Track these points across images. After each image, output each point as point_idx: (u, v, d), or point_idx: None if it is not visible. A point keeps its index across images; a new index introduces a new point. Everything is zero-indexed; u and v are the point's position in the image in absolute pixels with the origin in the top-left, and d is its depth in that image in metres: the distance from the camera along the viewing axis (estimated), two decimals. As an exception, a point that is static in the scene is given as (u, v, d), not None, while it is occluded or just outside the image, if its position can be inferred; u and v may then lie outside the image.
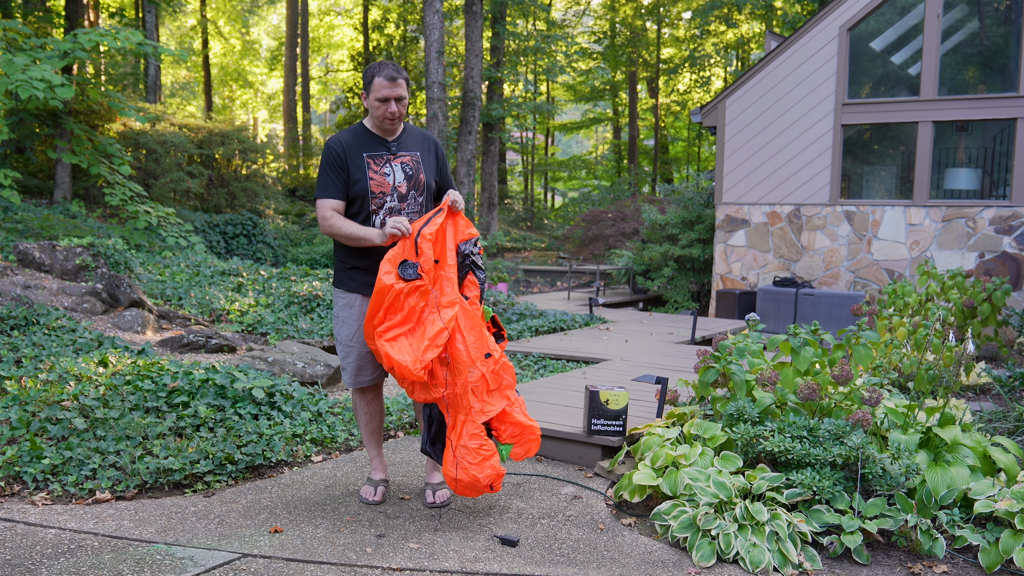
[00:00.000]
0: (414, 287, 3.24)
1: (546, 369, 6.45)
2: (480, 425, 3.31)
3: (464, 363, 3.27)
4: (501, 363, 3.38)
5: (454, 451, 3.30)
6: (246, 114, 33.96)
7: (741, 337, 4.13)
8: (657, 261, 12.11)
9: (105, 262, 8.39)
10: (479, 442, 3.28)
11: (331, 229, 3.41)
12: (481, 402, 3.32)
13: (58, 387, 4.37)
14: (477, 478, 3.26)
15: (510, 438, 3.46)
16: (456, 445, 3.30)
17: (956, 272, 6.86)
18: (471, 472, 3.26)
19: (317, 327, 7.43)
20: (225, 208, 17.73)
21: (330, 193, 3.42)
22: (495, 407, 3.36)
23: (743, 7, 21.38)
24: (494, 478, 3.30)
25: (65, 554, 2.94)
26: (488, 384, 3.33)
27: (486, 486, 3.30)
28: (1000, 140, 10.07)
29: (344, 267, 3.55)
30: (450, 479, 3.33)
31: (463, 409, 3.31)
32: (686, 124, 28.93)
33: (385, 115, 3.42)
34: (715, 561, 3.06)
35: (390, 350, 3.22)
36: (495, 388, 3.37)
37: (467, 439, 3.28)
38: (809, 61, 10.38)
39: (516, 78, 25.73)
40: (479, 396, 3.32)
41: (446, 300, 3.30)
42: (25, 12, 14.97)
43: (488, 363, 3.32)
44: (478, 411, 3.31)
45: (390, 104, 3.40)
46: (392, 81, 3.38)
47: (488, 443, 3.32)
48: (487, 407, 3.34)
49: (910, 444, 3.38)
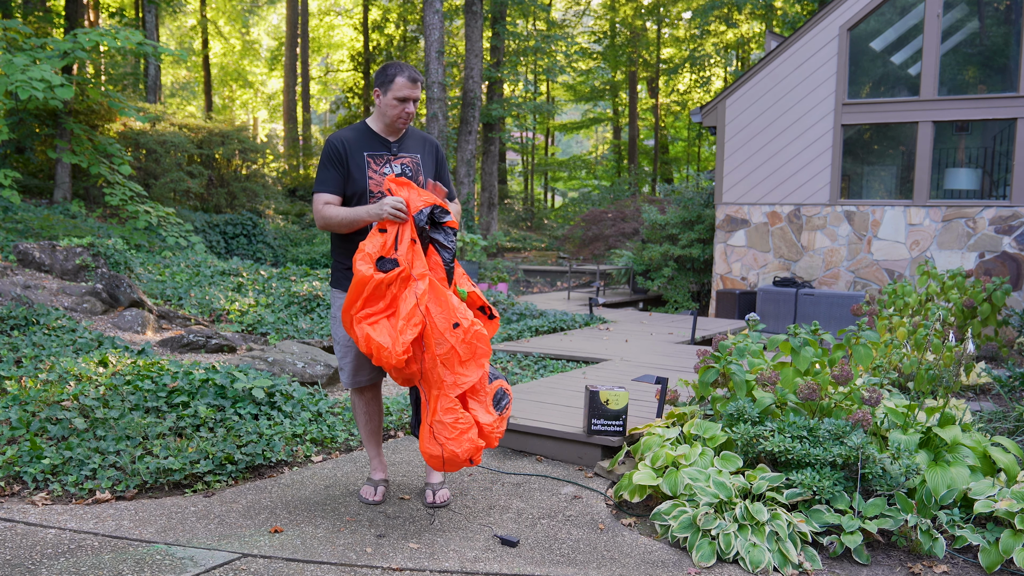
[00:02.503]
0: (395, 275, 3.18)
1: (546, 369, 6.45)
2: (454, 399, 3.18)
3: (430, 336, 3.16)
4: (472, 332, 3.20)
5: (430, 426, 3.20)
6: (246, 114, 33.97)
7: (741, 337, 4.13)
8: (657, 261, 12.11)
9: (105, 262, 8.39)
10: (454, 416, 3.16)
11: (325, 220, 3.42)
12: (454, 374, 3.18)
13: (58, 387, 4.37)
14: (455, 453, 3.16)
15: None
16: (431, 420, 3.19)
17: (956, 272, 6.86)
18: (449, 448, 3.15)
19: (317, 327, 7.43)
20: (225, 208, 17.73)
21: (326, 187, 3.43)
22: (470, 377, 3.21)
23: (743, 7, 21.39)
24: (473, 451, 3.19)
25: (65, 554, 2.94)
26: (459, 355, 3.18)
27: (465, 460, 3.19)
28: (1000, 140, 10.07)
29: (341, 267, 3.55)
30: (427, 455, 3.22)
31: (435, 383, 3.18)
32: (686, 124, 28.93)
33: (400, 115, 3.45)
34: (715, 561, 3.06)
35: (371, 332, 3.16)
36: (468, 358, 3.22)
37: (442, 413, 3.16)
38: (809, 61, 10.38)
39: (516, 78, 25.73)
40: (450, 368, 3.18)
41: (417, 273, 3.20)
42: (25, 12, 14.97)
43: (457, 333, 3.17)
44: (451, 384, 3.18)
45: (407, 105, 3.44)
46: (414, 83, 3.43)
47: (464, 416, 3.19)
48: (461, 379, 3.19)
49: (910, 444, 3.38)
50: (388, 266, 3.20)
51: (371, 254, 3.22)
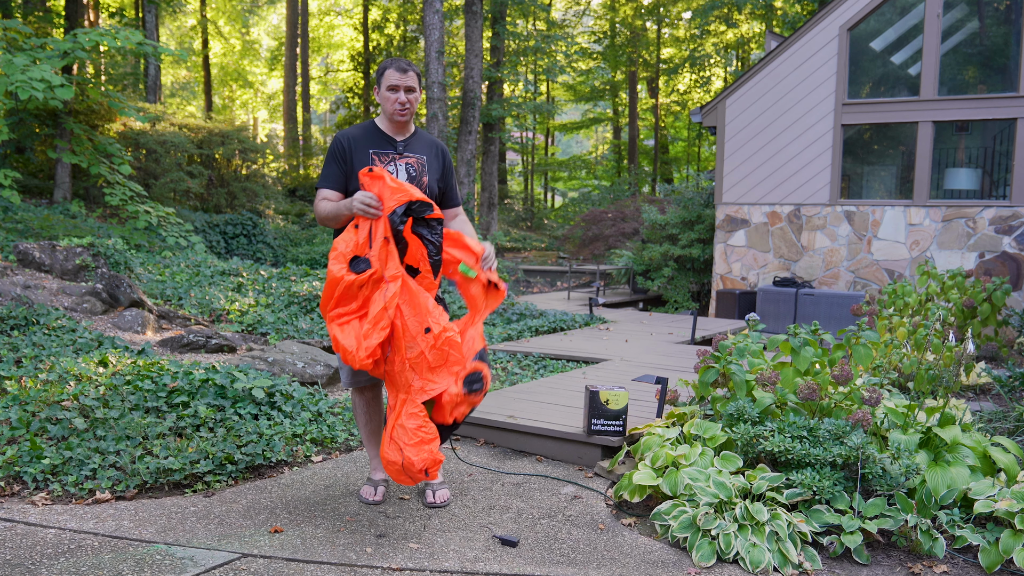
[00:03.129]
0: (367, 277, 3.13)
1: (546, 369, 6.45)
2: (420, 405, 3.10)
3: (401, 338, 3.09)
4: (444, 338, 3.11)
5: (391, 431, 3.13)
6: (246, 114, 33.97)
7: (741, 337, 4.13)
8: (657, 261, 12.11)
9: (105, 262, 8.39)
10: (417, 422, 3.09)
11: (317, 214, 3.45)
12: (422, 379, 3.10)
13: (58, 387, 4.37)
14: (412, 461, 3.07)
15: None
16: (394, 424, 3.11)
17: (956, 272, 6.86)
18: (407, 453, 3.06)
19: (317, 327, 7.43)
20: (225, 208, 17.73)
21: (326, 183, 3.46)
22: (438, 385, 3.12)
23: (743, 7, 21.39)
24: (430, 463, 3.10)
25: (65, 554, 2.94)
26: (428, 360, 3.11)
27: (420, 471, 3.10)
28: (1000, 140, 10.07)
29: None
30: (385, 461, 3.14)
31: (403, 387, 3.12)
32: (686, 124, 28.94)
33: (395, 104, 3.44)
34: (715, 561, 3.06)
35: (339, 333, 3.14)
36: (439, 365, 3.13)
37: (405, 418, 3.09)
38: (809, 61, 10.38)
39: (516, 78, 25.74)
40: (419, 372, 3.10)
41: (389, 274, 3.13)
42: (25, 12, 14.97)
43: (427, 338, 3.08)
44: (418, 389, 3.10)
45: (399, 93, 3.43)
46: (403, 72, 3.43)
47: (429, 426, 3.12)
48: (429, 385, 3.11)
49: (910, 444, 3.38)
50: (361, 267, 3.15)
51: (344, 253, 3.17)
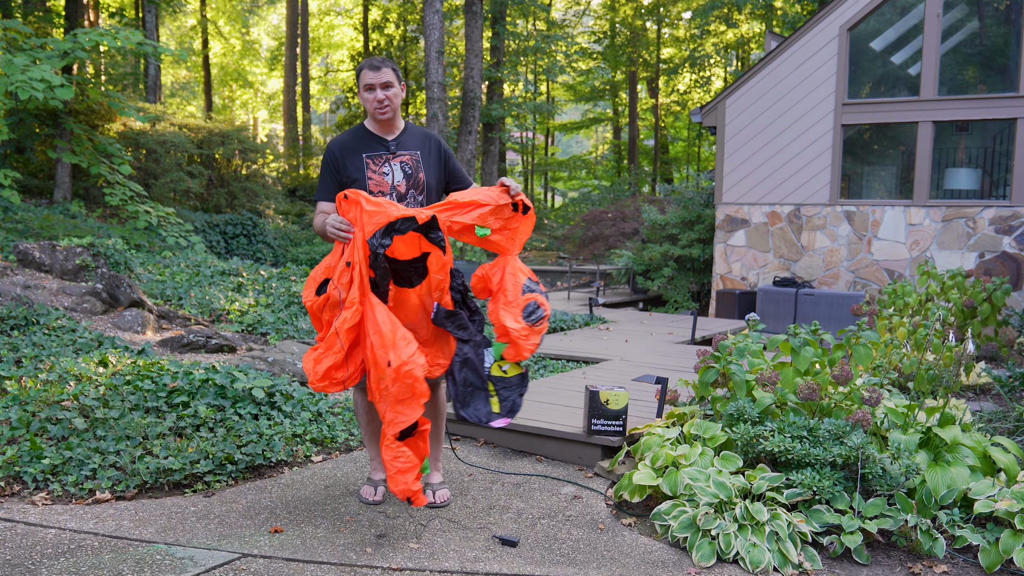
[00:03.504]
0: (323, 300, 3.18)
1: (546, 369, 6.45)
2: (391, 437, 3.05)
3: (372, 369, 3.06)
4: (403, 372, 2.99)
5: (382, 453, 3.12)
6: (246, 114, 33.97)
7: (741, 337, 4.13)
8: (657, 261, 12.11)
9: (105, 262, 8.39)
10: (392, 454, 3.06)
11: (315, 229, 3.49)
12: (392, 411, 3.05)
13: (58, 387, 4.37)
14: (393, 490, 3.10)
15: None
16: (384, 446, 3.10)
17: (956, 272, 6.86)
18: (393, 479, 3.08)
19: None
20: (225, 208, 17.73)
21: (323, 195, 3.49)
22: (407, 418, 3.04)
23: (743, 7, 21.38)
24: (409, 493, 3.08)
25: (65, 554, 2.94)
26: (392, 394, 3.01)
27: (402, 498, 3.11)
28: (1000, 140, 10.07)
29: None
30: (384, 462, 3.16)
31: (383, 415, 3.09)
32: (686, 124, 28.93)
33: (374, 103, 3.44)
34: (715, 561, 3.06)
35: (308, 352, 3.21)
36: (405, 398, 3.03)
37: (384, 449, 3.08)
38: (809, 61, 10.38)
39: (516, 78, 25.72)
40: (389, 404, 3.04)
41: (349, 300, 3.09)
42: (25, 12, 14.97)
43: (389, 372, 2.99)
44: (390, 421, 3.05)
45: (376, 92, 3.42)
46: (375, 69, 3.42)
47: (405, 455, 3.07)
48: (399, 417, 3.04)
49: (910, 444, 3.38)
50: (322, 291, 3.19)
51: (315, 277, 3.24)
